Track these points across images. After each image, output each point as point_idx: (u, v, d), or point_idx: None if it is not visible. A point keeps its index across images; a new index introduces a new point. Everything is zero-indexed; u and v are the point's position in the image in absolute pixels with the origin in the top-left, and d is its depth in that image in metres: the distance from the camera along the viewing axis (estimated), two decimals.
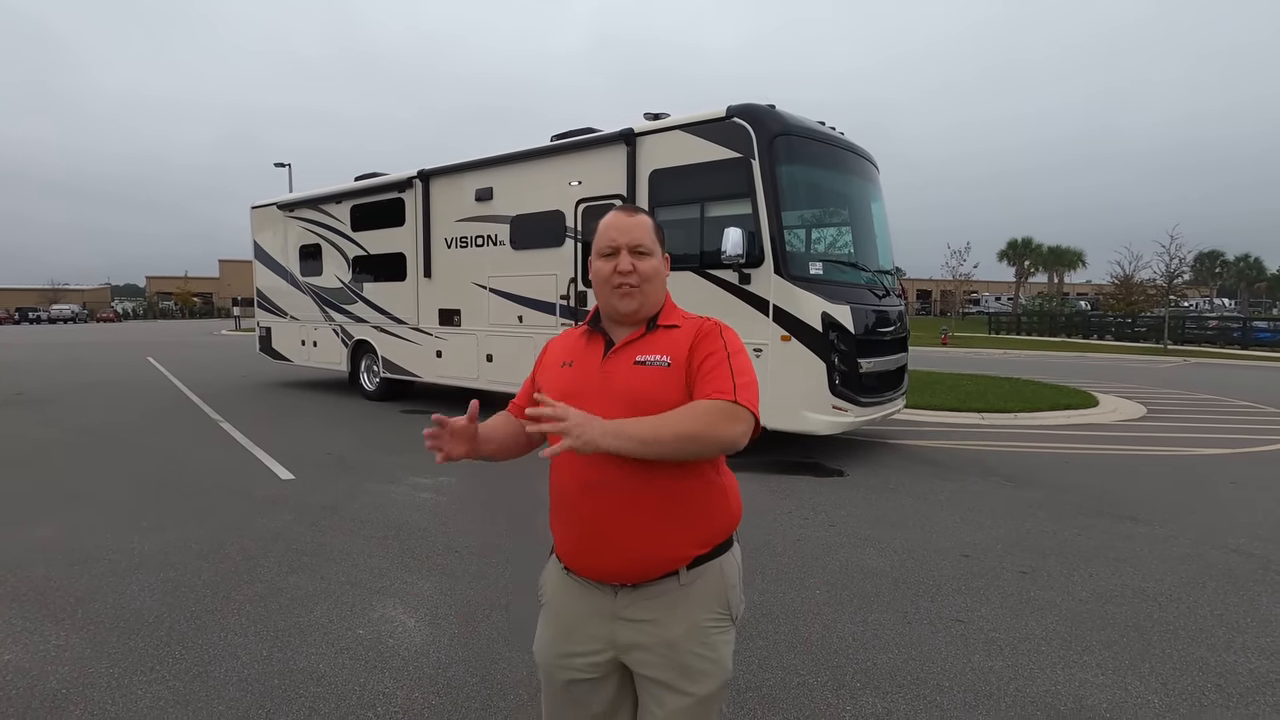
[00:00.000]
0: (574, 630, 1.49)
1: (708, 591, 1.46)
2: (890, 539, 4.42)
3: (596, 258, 1.52)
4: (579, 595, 1.49)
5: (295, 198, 11.94)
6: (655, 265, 1.50)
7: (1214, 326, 30.43)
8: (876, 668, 2.86)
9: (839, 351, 6.10)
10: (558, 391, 1.45)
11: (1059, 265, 57.21)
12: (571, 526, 1.48)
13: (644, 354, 1.47)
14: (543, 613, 1.58)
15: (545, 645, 1.54)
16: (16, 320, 57.19)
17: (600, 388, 1.45)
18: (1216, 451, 7.25)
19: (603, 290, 1.51)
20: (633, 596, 1.44)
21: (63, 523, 4.63)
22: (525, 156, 8.23)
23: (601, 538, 1.42)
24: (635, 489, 1.39)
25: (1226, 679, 2.79)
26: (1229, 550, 4.27)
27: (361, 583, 3.68)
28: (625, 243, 1.48)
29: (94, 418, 8.94)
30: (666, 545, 1.42)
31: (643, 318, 1.52)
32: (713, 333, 1.48)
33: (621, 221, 1.50)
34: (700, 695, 1.42)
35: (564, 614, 1.51)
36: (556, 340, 1.67)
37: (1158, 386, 13.28)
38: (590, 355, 1.52)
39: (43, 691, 2.65)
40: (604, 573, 1.45)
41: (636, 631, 1.43)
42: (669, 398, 1.40)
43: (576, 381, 1.49)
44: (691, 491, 1.43)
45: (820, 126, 6.93)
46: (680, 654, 1.42)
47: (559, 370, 1.55)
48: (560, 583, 1.53)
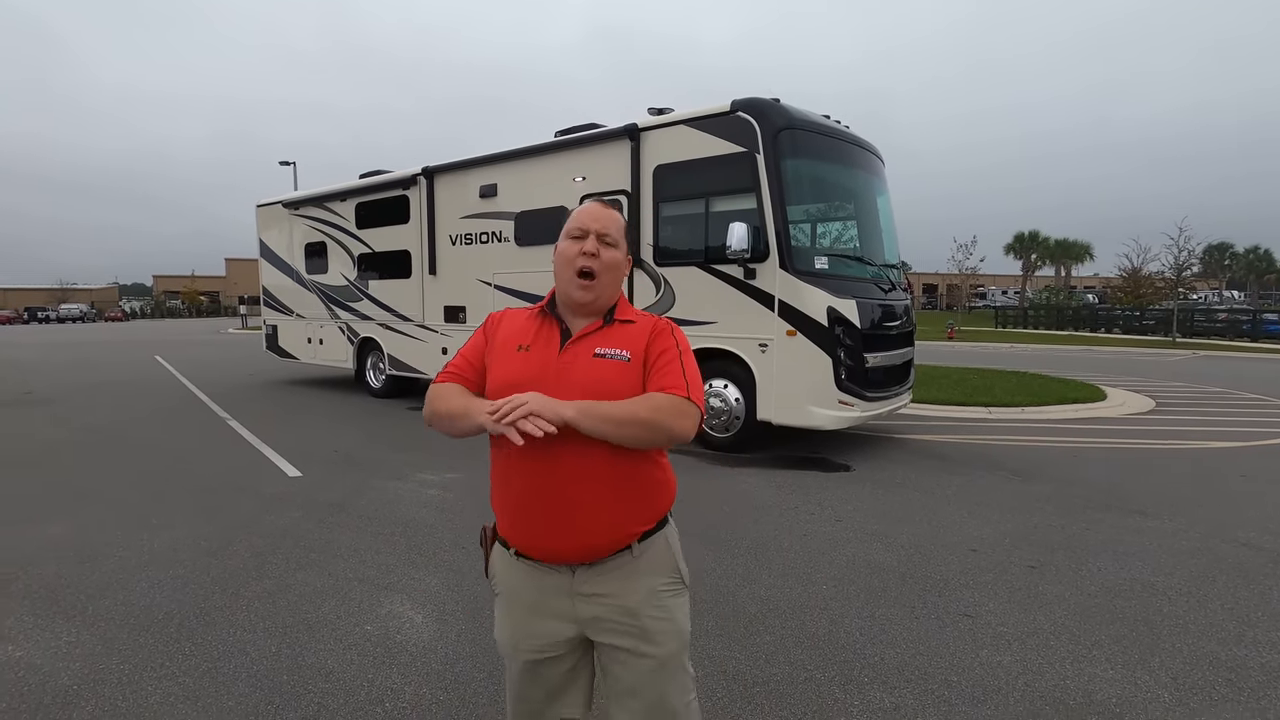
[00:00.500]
0: (535, 612, 1.54)
1: (657, 560, 1.57)
2: (897, 534, 4.41)
3: (564, 239, 1.59)
4: (536, 578, 1.54)
5: (300, 196, 11.96)
6: (617, 258, 1.58)
7: (1223, 319, 30.24)
8: (884, 662, 2.85)
9: (845, 346, 6.08)
10: (515, 375, 1.51)
11: (1066, 258, 56.90)
12: (531, 513, 1.50)
13: (603, 347, 1.54)
14: (499, 602, 1.61)
15: (508, 631, 1.58)
16: (25, 320, 57.56)
17: (558, 376, 1.50)
18: (1226, 444, 7.21)
19: (565, 272, 1.56)
20: (589, 573, 1.52)
21: (73, 520, 4.66)
22: (529, 153, 8.22)
23: (565, 522, 1.48)
24: (599, 474, 1.47)
25: (1237, 673, 2.78)
26: (1239, 544, 4.24)
27: (369, 579, 3.69)
28: (595, 228, 1.56)
29: (103, 416, 8.99)
30: (621, 524, 1.51)
31: (598, 309, 1.59)
32: (665, 331, 1.59)
33: (596, 210, 1.60)
34: (660, 656, 1.52)
35: (522, 598, 1.56)
36: (506, 316, 1.66)
37: (1166, 380, 13.20)
38: (547, 342, 1.56)
39: (54, 688, 2.67)
40: (563, 555, 1.51)
41: (596, 605, 1.51)
42: (627, 391, 1.48)
43: (533, 367, 1.52)
44: (641, 474, 1.53)
45: (825, 120, 6.90)
46: (639, 619, 1.51)
47: (514, 354, 1.56)
48: (512, 569, 1.57)
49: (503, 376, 1.53)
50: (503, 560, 1.59)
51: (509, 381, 1.50)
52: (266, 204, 12.61)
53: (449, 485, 5.57)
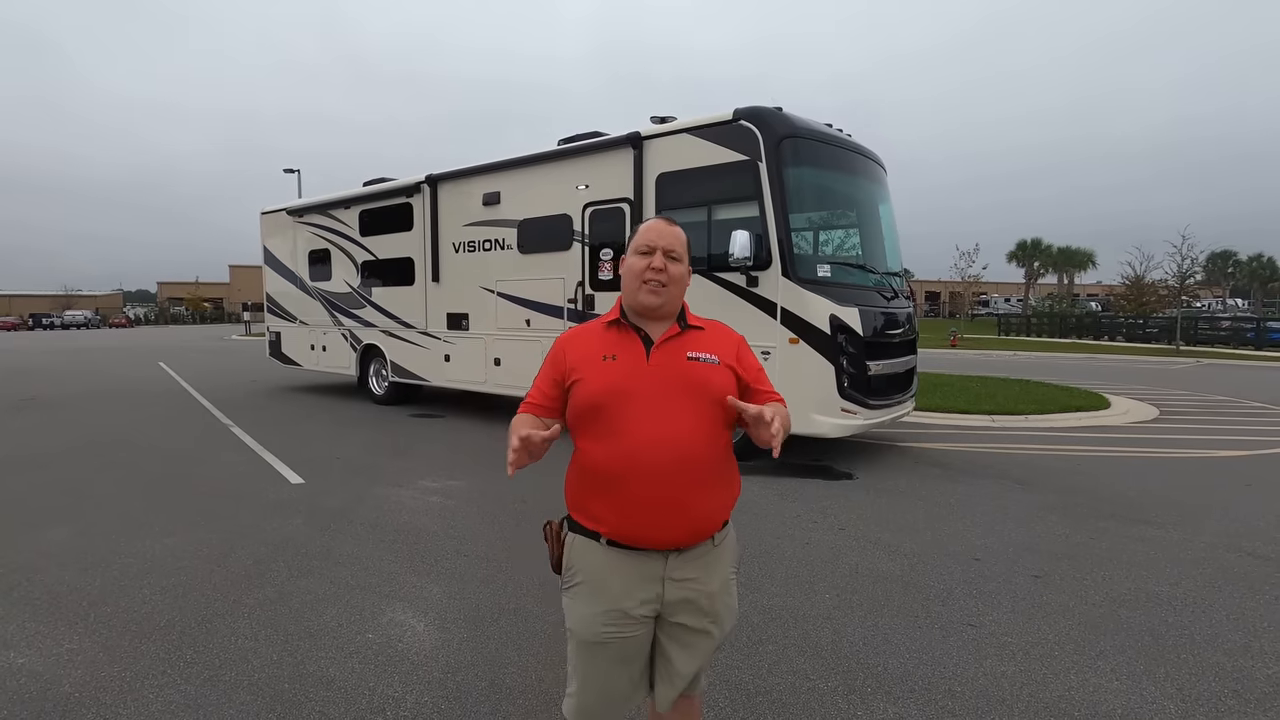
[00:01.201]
0: (623, 597, 1.64)
1: (728, 549, 1.76)
2: (900, 542, 4.40)
3: (633, 254, 1.72)
4: (628, 566, 1.64)
5: (304, 203, 12.02)
6: (682, 271, 1.73)
7: (1227, 327, 30.12)
8: (887, 672, 2.84)
9: (847, 354, 6.08)
10: (612, 383, 1.63)
11: (1069, 266, 56.86)
12: (645, 503, 1.59)
13: (693, 350, 1.69)
14: (578, 591, 1.68)
15: (591, 618, 1.65)
16: (30, 326, 57.78)
17: (657, 378, 1.64)
18: (1231, 453, 7.18)
19: (633, 284, 1.70)
20: (681, 559, 1.66)
21: (74, 527, 4.67)
22: (532, 161, 8.25)
23: (679, 512, 1.61)
24: (711, 467, 1.64)
25: (1243, 684, 2.76)
26: (1244, 553, 4.22)
27: (371, 587, 3.69)
28: (662, 245, 1.70)
29: (106, 422, 9.01)
30: (717, 513, 1.69)
31: (669, 313, 1.73)
32: (745, 342, 1.81)
33: (662, 227, 1.73)
34: (722, 635, 1.74)
35: (610, 586, 1.64)
36: (576, 335, 1.75)
37: (1170, 388, 13.16)
38: (632, 349, 1.68)
39: (55, 695, 2.67)
40: (666, 541, 1.63)
41: (684, 589, 1.66)
42: (723, 389, 1.65)
43: (628, 374, 1.64)
44: (730, 469, 1.72)
45: (827, 128, 6.92)
46: (715, 603, 1.69)
47: (603, 364, 1.66)
48: (602, 559, 1.66)
49: (599, 384, 1.64)
50: (587, 549, 1.67)
51: (607, 387, 1.63)
52: (271, 211, 12.67)
53: (451, 493, 5.56)
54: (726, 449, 1.69)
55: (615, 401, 1.61)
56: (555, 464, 1.84)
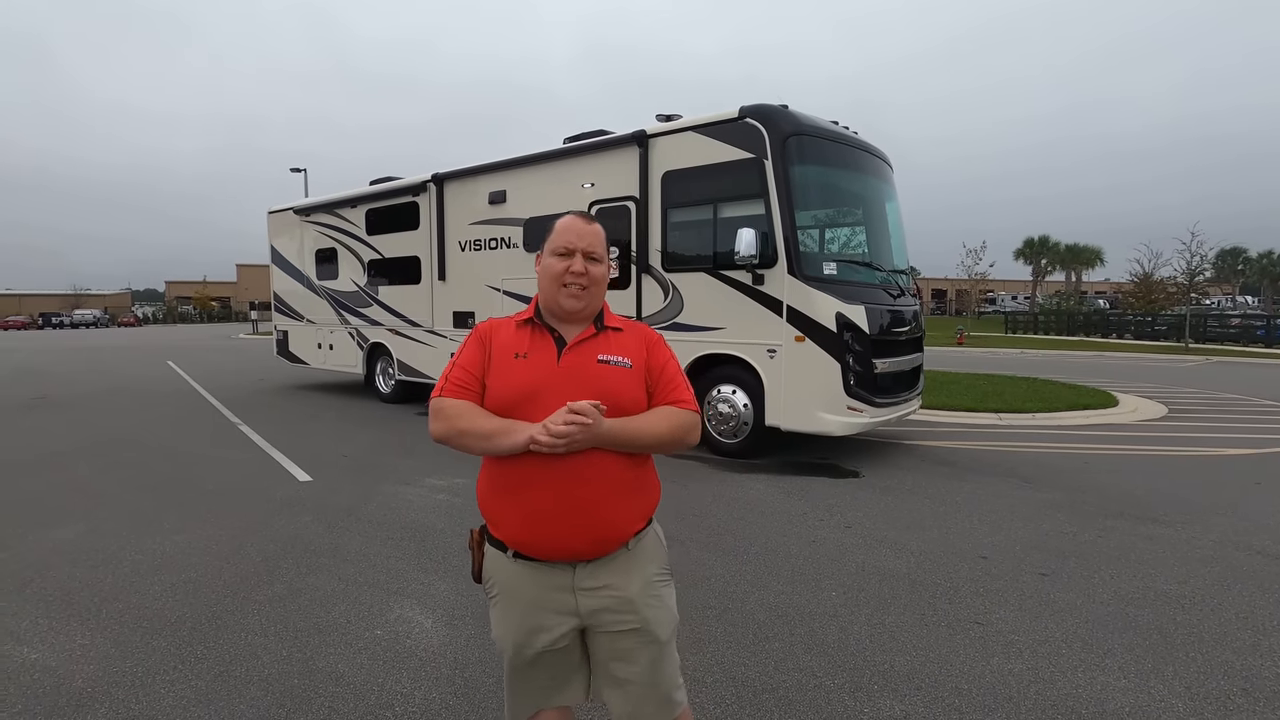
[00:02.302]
0: (537, 608, 1.60)
1: (649, 552, 1.69)
2: (907, 540, 4.39)
3: (550, 255, 1.65)
4: (536, 576, 1.60)
5: (311, 202, 12.06)
6: (603, 272, 1.68)
7: (1237, 325, 29.95)
8: (894, 670, 2.84)
9: (854, 352, 6.07)
10: (520, 382, 1.58)
11: (1077, 264, 56.51)
12: (548, 516, 1.55)
13: (604, 353, 1.64)
14: (496, 603, 1.66)
15: (510, 628, 1.62)
16: (39, 325, 58.19)
17: (564, 381, 1.58)
18: (1240, 452, 7.14)
19: (551, 286, 1.64)
20: (590, 569, 1.61)
21: (85, 524, 4.71)
22: (538, 159, 8.26)
23: (582, 523, 1.56)
24: (618, 474, 1.58)
25: (1252, 682, 2.75)
26: (1254, 552, 4.20)
27: (379, 584, 3.71)
28: (581, 247, 1.64)
29: (115, 421, 9.08)
30: (626, 523, 1.62)
31: (587, 316, 1.68)
32: (660, 342, 1.74)
33: (579, 227, 1.66)
34: (663, 639, 1.64)
35: (522, 596, 1.61)
36: (496, 327, 1.70)
37: (1179, 386, 13.08)
38: (543, 349, 1.62)
39: (69, 690, 2.70)
40: (571, 553, 1.58)
41: (597, 598, 1.60)
42: (632, 395, 1.61)
43: (537, 374, 1.59)
44: (642, 476, 1.66)
45: (833, 126, 6.90)
46: (639, 606, 1.62)
47: (512, 361, 1.61)
48: (511, 570, 1.62)
49: (506, 384, 1.59)
50: (499, 562, 1.64)
51: (513, 387, 1.58)
52: (278, 210, 12.72)
53: (457, 490, 5.58)
54: (641, 458, 1.63)
55: (524, 403, 1.55)
56: None
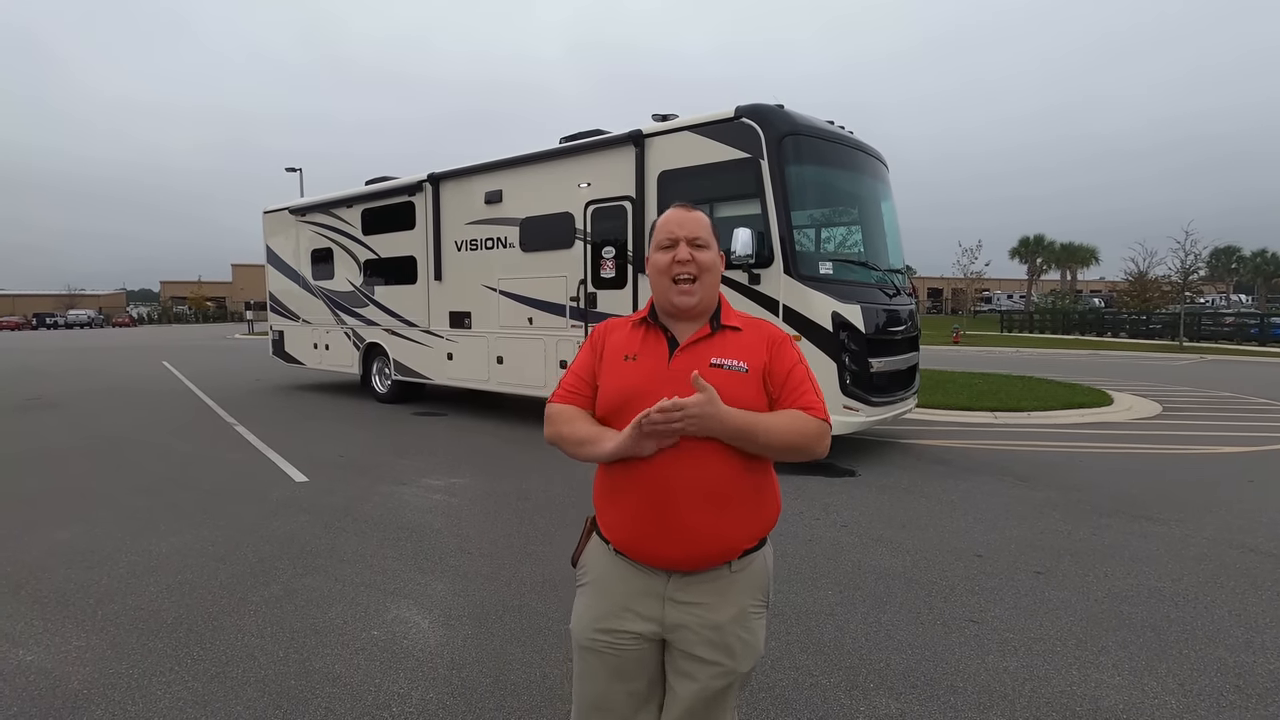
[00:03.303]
0: (622, 608, 1.51)
1: (752, 579, 1.54)
2: (903, 539, 4.41)
3: (655, 250, 1.56)
4: (630, 576, 1.52)
5: (307, 202, 12.04)
6: (712, 258, 1.56)
7: (1231, 323, 30.06)
8: (890, 668, 2.85)
9: (850, 351, 6.08)
10: (625, 386, 1.50)
11: (1072, 262, 56.69)
12: (643, 519, 1.47)
13: (719, 356, 1.50)
14: (584, 591, 1.59)
15: (589, 621, 1.54)
16: (34, 325, 57.92)
17: (673, 385, 1.45)
18: (1234, 450, 7.17)
19: (661, 283, 1.54)
20: (685, 581, 1.49)
21: (81, 526, 4.69)
22: (534, 159, 8.26)
23: (676, 532, 1.45)
24: (727, 487, 1.46)
25: (1245, 679, 2.77)
26: (1247, 549, 4.23)
27: (375, 584, 3.71)
28: (684, 235, 1.54)
29: (110, 421, 9.05)
30: (730, 538, 1.49)
31: (702, 312, 1.56)
32: (787, 343, 1.58)
33: (680, 216, 1.57)
34: (737, 670, 1.51)
35: (611, 592, 1.53)
36: (612, 328, 1.63)
37: (1173, 384, 13.13)
38: (654, 351, 1.53)
39: (65, 692, 2.69)
40: (666, 560, 1.48)
41: (685, 613, 1.49)
42: (745, 403, 1.45)
43: (644, 376, 1.50)
44: (758, 489, 1.52)
45: (829, 126, 6.92)
46: (725, 635, 1.49)
47: (622, 364, 1.54)
48: (609, 563, 1.55)
49: (614, 386, 1.52)
50: (599, 552, 1.58)
51: (621, 391, 1.51)
52: (273, 210, 12.69)
53: (454, 490, 5.58)
54: (753, 467, 1.49)
55: (627, 406, 1.47)
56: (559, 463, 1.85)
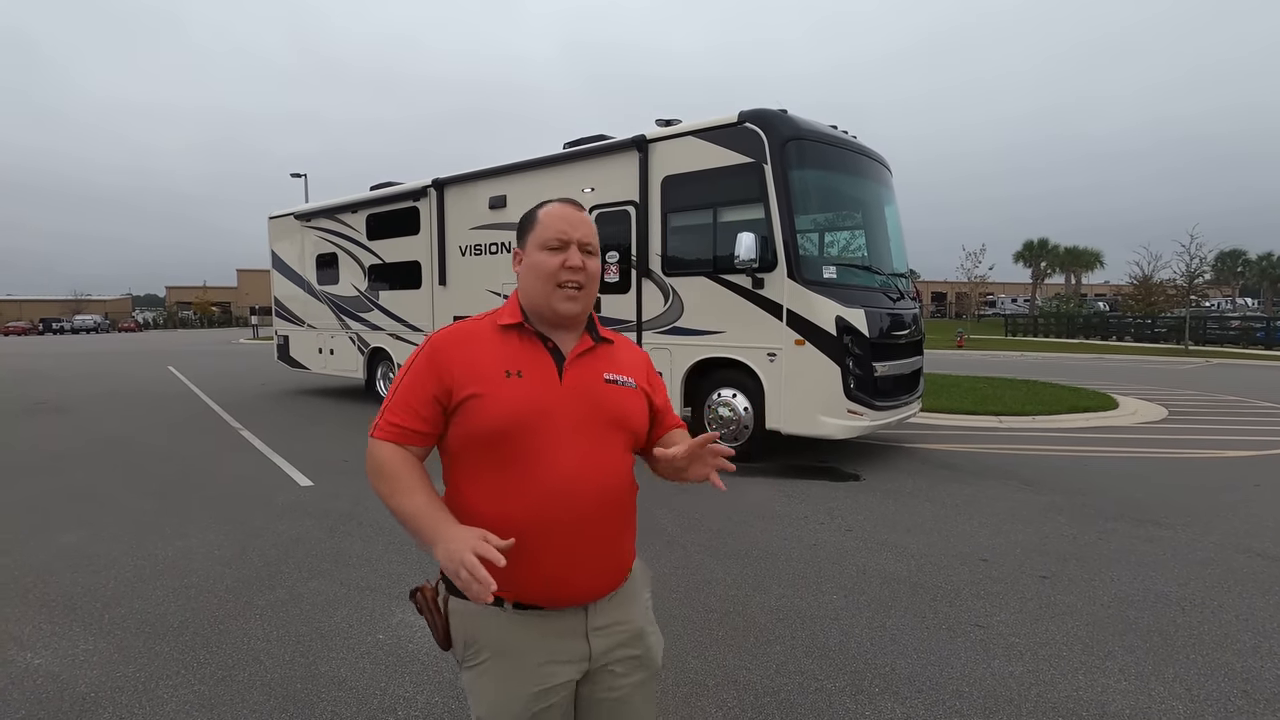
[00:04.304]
0: (546, 662, 1.35)
1: (640, 576, 1.55)
2: (907, 543, 4.40)
3: (540, 250, 1.38)
4: (544, 628, 1.36)
5: (312, 207, 12.09)
6: (598, 266, 1.44)
7: (1236, 327, 29.96)
8: (895, 673, 2.85)
9: (854, 355, 6.08)
10: (523, 407, 1.32)
11: (1076, 266, 56.59)
12: (565, 555, 1.34)
13: (610, 372, 1.43)
14: (485, 671, 1.36)
15: (510, 695, 1.34)
16: (40, 331, 58.21)
17: (572, 403, 1.35)
18: (1240, 454, 7.14)
19: (543, 286, 1.37)
20: (603, 606, 1.41)
21: (88, 530, 4.71)
22: (538, 164, 8.29)
23: (607, 558, 1.40)
24: (631, 505, 1.46)
25: (1252, 684, 2.75)
26: (1254, 554, 4.21)
27: (380, 588, 3.72)
28: (576, 237, 1.39)
29: (116, 426, 9.09)
30: (631, 548, 1.50)
31: (580, 321, 1.45)
32: (651, 361, 1.61)
33: (571, 215, 1.40)
34: (658, 666, 1.50)
35: (526, 657, 1.35)
36: (459, 339, 1.38)
37: (1179, 388, 13.09)
38: (540, 365, 1.37)
39: (72, 695, 2.70)
40: (591, 594, 1.39)
41: (611, 636, 1.41)
42: (644, 419, 1.47)
43: (538, 395, 1.34)
44: (634, 497, 1.50)
45: (833, 130, 6.93)
46: (645, 637, 1.47)
47: (506, 381, 1.33)
48: (510, 627, 1.35)
49: (506, 407, 1.31)
50: (487, 619, 1.35)
51: (517, 411, 1.31)
52: (278, 215, 12.75)
53: None
54: (633, 480, 1.46)
55: (526, 431, 1.31)
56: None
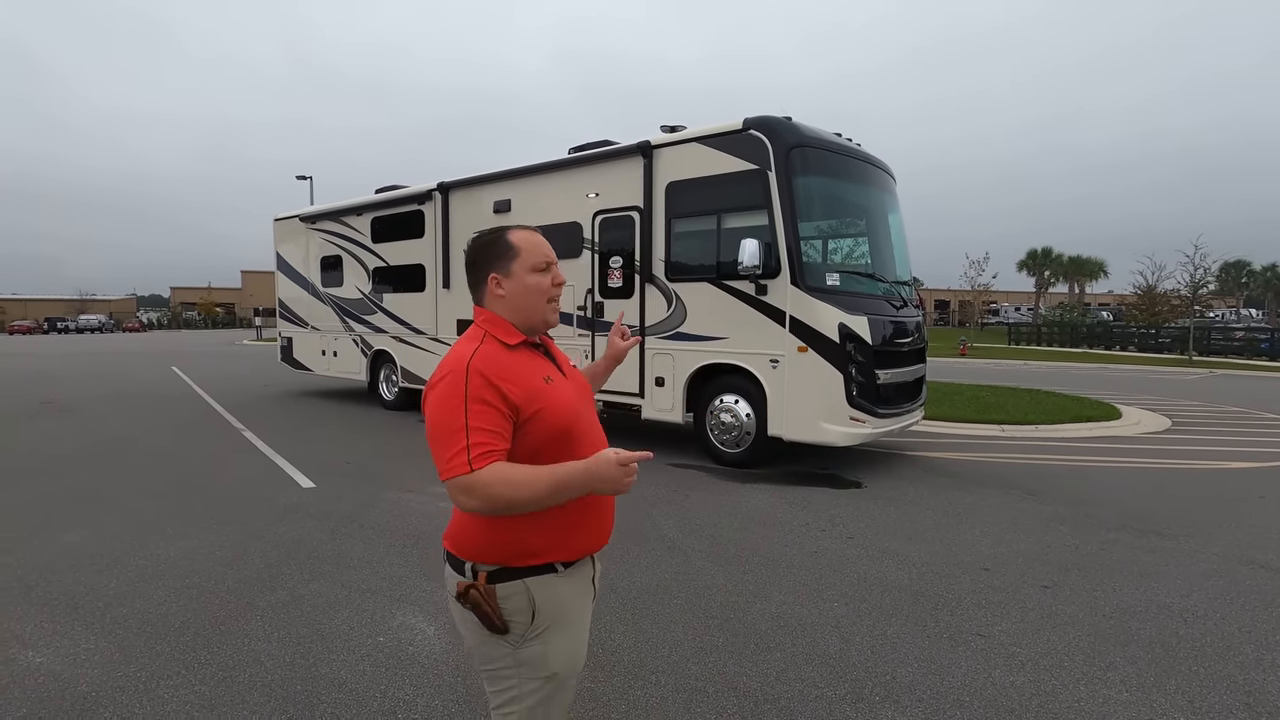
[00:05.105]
0: (584, 610, 1.62)
1: None
2: (909, 552, 4.39)
3: (530, 272, 1.61)
4: (578, 580, 1.60)
5: (316, 210, 12.14)
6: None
7: (1241, 337, 29.90)
8: (895, 681, 2.84)
9: (856, 362, 6.08)
10: (568, 403, 1.58)
11: (1080, 275, 56.52)
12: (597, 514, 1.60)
13: (568, 360, 1.77)
14: (551, 634, 1.52)
15: (575, 649, 1.58)
16: (45, 330, 58.40)
17: (583, 399, 1.66)
18: (1244, 465, 7.12)
19: (537, 302, 1.61)
20: (600, 554, 1.69)
21: (91, 529, 4.73)
22: (543, 169, 8.32)
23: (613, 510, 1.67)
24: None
25: (1255, 697, 2.74)
26: (1257, 566, 4.19)
27: (381, 590, 3.72)
28: (554, 259, 1.69)
29: (120, 426, 9.11)
30: None
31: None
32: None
33: (543, 240, 1.68)
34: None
35: (579, 613, 1.59)
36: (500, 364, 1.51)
37: (1183, 399, 13.06)
38: (552, 369, 1.63)
39: (74, 694, 2.71)
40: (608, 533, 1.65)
41: (599, 579, 1.71)
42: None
43: (571, 393, 1.61)
44: None
45: (837, 138, 6.95)
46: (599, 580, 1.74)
47: (549, 387, 1.55)
48: (563, 587, 1.54)
49: (563, 407, 1.54)
50: (546, 587, 1.52)
51: (568, 408, 1.56)
52: (284, 218, 12.80)
53: None
54: None
55: (575, 421, 1.56)
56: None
